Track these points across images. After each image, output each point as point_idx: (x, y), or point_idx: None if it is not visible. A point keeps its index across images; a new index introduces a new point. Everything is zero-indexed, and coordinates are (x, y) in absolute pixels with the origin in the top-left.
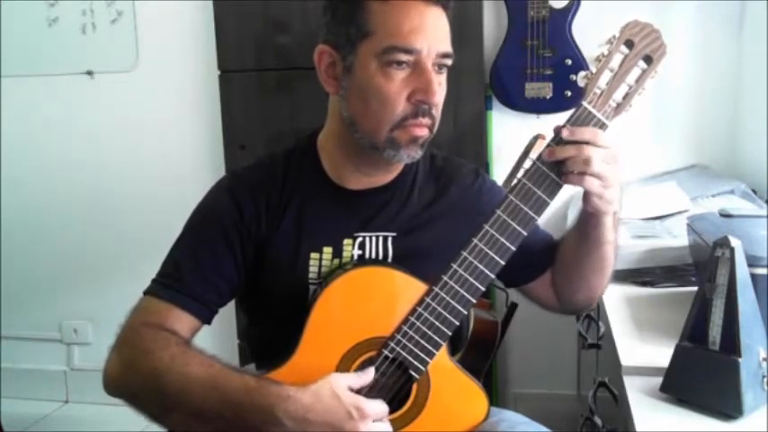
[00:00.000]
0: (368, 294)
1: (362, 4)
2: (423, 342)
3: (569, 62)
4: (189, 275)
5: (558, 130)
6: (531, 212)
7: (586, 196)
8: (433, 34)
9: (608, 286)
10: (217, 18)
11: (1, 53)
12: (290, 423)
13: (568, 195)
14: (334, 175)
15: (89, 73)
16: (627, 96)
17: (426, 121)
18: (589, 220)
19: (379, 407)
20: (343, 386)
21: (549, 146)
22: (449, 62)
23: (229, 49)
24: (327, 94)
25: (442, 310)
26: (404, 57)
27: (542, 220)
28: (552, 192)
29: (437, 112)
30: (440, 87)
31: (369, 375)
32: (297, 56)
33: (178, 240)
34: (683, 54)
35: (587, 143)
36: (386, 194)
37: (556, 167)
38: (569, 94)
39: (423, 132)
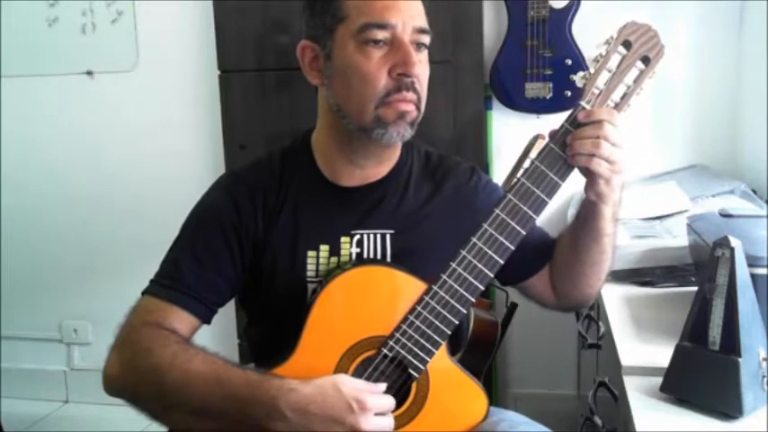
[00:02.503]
0: (367, 293)
1: None
2: (422, 341)
3: (569, 62)
4: (188, 275)
5: (553, 134)
6: (529, 212)
7: (590, 182)
8: (407, 10)
9: (605, 282)
10: (217, 18)
11: (1, 53)
12: (291, 415)
13: (568, 195)
14: (327, 172)
15: (89, 73)
16: (625, 96)
17: (411, 95)
18: (589, 210)
19: (381, 401)
20: (347, 382)
21: (548, 145)
22: (426, 40)
23: (229, 49)
24: (317, 90)
25: (441, 309)
26: (380, 34)
27: (542, 221)
28: (551, 191)
29: (421, 87)
30: (420, 64)
31: (379, 389)
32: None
33: (177, 240)
34: (683, 54)
35: (603, 122)
36: (380, 190)
37: (555, 166)
38: (569, 94)
39: (409, 107)
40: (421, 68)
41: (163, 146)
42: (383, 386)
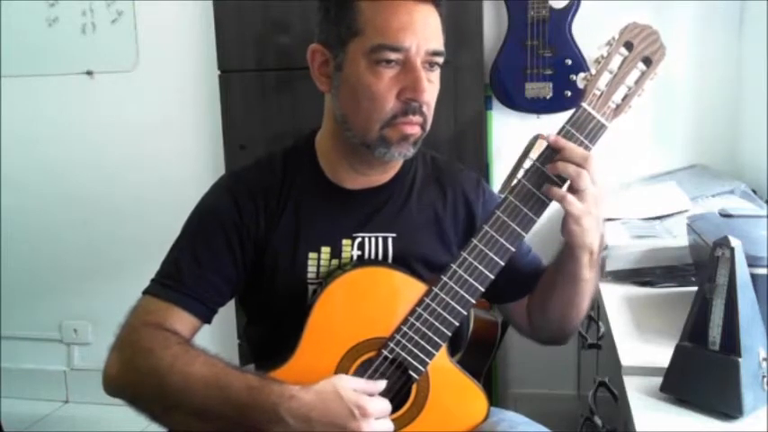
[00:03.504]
0: (367, 295)
1: (352, 3)
2: (422, 342)
3: (569, 62)
4: (188, 275)
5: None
6: (530, 213)
7: (564, 222)
8: (422, 32)
9: (581, 323)
10: (217, 18)
11: (1, 53)
12: (292, 422)
13: None
14: (331, 175)
15: (89, 73)
16: (626, 98)
17: (417, 119)
18: (566, 252)
19: (380, 405)
20: (347, 386)
21: (548, 146)
22: (440, 60)
23: (229, 49)
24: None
25: (441, 311)
26: (392, 55)
27: (542, 221)
28: None
29: (428, 110)
30: (431, 85)
31: (379, 386)
32: (297, 56)
33: (177, 240)
34: (683, 55)
35: (589, 158)
36: (384, 194)
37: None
38: (569, 94)
39: (414, 130)
40: (431, 91)
41: (163, 146)
42: (383, 383)
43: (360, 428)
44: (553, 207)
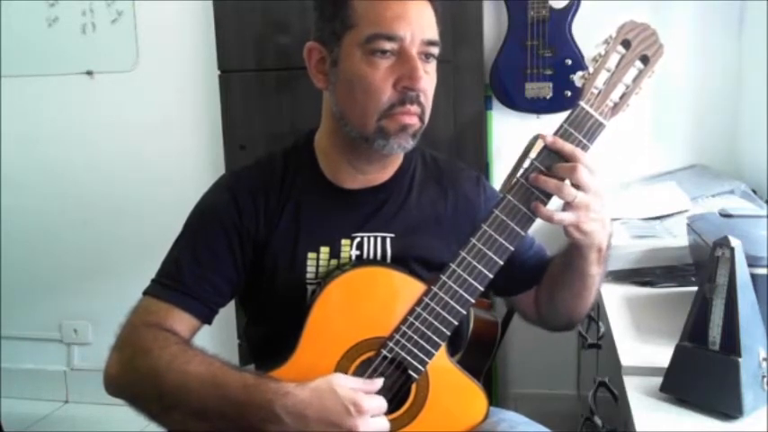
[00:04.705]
0: (366, 295)
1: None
2: (422, 342)
3: (569, 62)
4: (189, 275)
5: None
6: (529, 212)
7: (565, 230)
8: (416, 22)
9: (589, 310)
10: (217, 18)
11: (1, 53)
12: (288, 419)
13: None
14: (330, 174)
15: (89, 73)
16: (624, 96)
17: (415, 108)
18: (573, 250)
19: (376, 402)
20: (343, 383)
21: (546, 146)
22: (435, 51)
23: (229, 49)
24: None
25: (440, 311)
26: (387, 45)
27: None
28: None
29: (426, 100)
30: (427, 75)
31: (375, 385)
32: (297, 56)
33: (178, 240)
34: (683, 54)
35: (577, 166)
36: (383, 194)
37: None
38: (569, 94)
39: (412, 120)
40: (427, 81)
41: (163, 146)
42: (380, 381)
43: (355, 425)
44: (556, 203)
